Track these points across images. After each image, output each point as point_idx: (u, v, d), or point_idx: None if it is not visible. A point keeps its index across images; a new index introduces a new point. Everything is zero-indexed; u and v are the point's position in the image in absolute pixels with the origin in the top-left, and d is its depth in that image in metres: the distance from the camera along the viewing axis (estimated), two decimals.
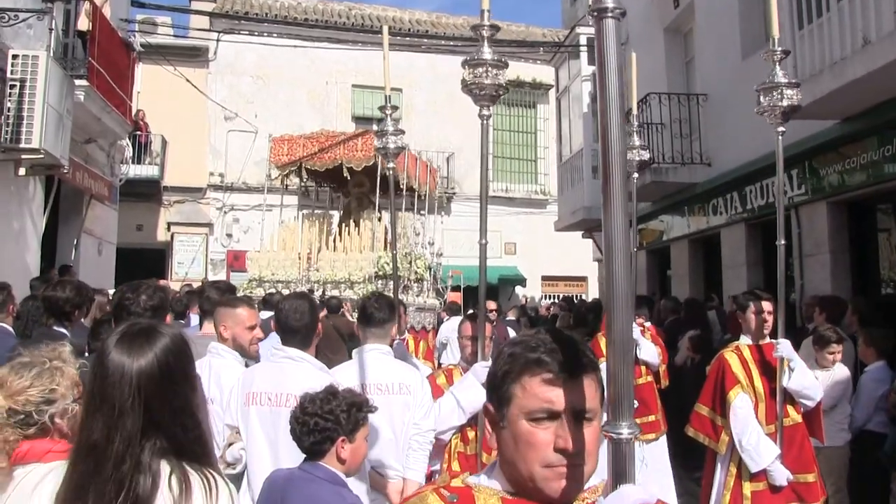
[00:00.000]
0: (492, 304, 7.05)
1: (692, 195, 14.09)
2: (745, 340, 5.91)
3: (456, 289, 21.16)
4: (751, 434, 5.49)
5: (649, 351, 8.12)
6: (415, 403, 4.72)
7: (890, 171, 9.18)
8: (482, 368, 4.23)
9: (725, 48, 13.06)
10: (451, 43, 25.67)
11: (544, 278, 26.99)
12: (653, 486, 4.68)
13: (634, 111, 7.13)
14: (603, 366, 1.93)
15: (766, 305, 5.90)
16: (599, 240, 17.45)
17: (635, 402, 7.18)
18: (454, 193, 25.99)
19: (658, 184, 14.12)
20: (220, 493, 2.25)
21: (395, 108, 5.72)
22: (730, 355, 5.81)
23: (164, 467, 2.18)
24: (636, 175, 7.27)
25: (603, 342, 7.60)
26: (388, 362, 4.86)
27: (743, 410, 5.56)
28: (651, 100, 14.25)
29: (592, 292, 24.55)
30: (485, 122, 4.20)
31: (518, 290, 26.55)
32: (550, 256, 25.21)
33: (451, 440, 5.13)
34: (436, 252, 14.24)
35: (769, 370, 5.63)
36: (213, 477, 2.27)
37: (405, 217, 13.79)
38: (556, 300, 23.18)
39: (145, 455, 2.15)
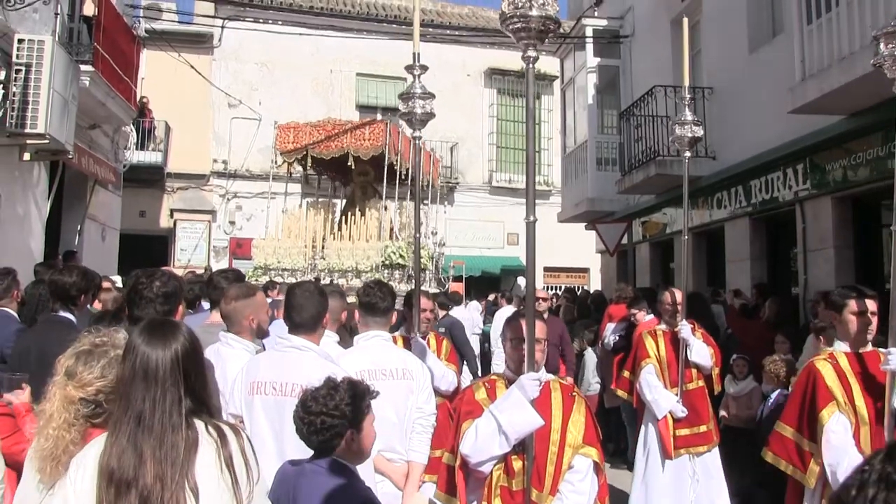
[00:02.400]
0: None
1: (696, 188, 14.05)
2: (840, 347, 4.78)
3: (458, 279, 21.19)
4: (848, 465, 4.22)
5: (701, 352, 7.25)
6: (417, 388, 4.86)
7: None
8: (529, 382, 3.77)
9: (732, 42, 13.02)
10: (456, 32, 25.63)
11: (546, 270, 26.95)
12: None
13: (686, 82, 7.03)
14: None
15: (871, 304, 4.78)
16: (602, 232, 17.45)
17: (684, 409, 6.83)
18: (457, 184, 25.96)
19: (662, 176, 14.08)
20: (244, 438, 2.71)
21: (424, 67, 5.46)
22: (822, 365, 4.69)
23: (199, 423, 2.61)
24: (688, 154, 7.14)
25: (649, 339, 7.50)
26: (391, 348, 5.03)
27: (838, 435, 4.47)
28: (657, 92, 14.21)
29: (594, 284, 24.54)
30: (531, 65, 3.67)
31: (520, 280, 26.50)
32: (553, 248, 25.09)
33: (492, 471, 4.01)
34: (438, 242, 14.24)
35: (875, 386, 4.56)
36: (234, 426, 2.76)
37: (409, 206, 13.78)
38: (558, 291, 23.22)
39: (185, 413, 2.57)
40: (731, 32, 13.09)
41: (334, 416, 3.20)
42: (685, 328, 7.11)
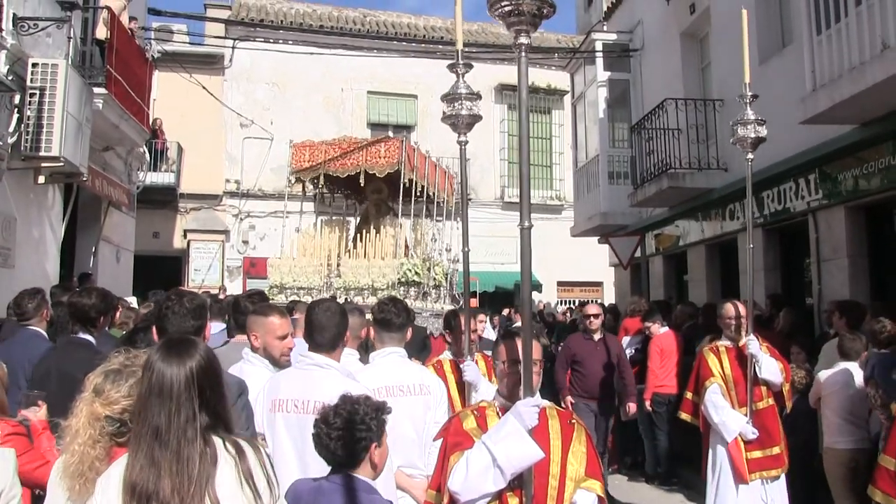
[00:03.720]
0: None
1: (709, 200, 14.05)
2: None
3: (471, 295, 21.16)
4: None
5: (770, 367, 6.81)
6: (435, 403, 4.85)
7: None
8: (527, 409, 3.48)
9: (742, 54, 13.00)
10: (466, 49, 25.66)
11: (560, 284, 26.99)
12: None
13: (747, 79, 6.85)
14: None
15: None
16: (615, 245, 17.43)
17: (755, 430, 6.46)
18: (469, 199, 25.92)
19: (675, 189, 14.09)
20: (262, 453, 2.76)
21: (468, 65, 5.10)
22: None
23: (216, 439, 2.64)
24: (751, 155, 6.90)
25: (712, 357, 7.08)
26: (406, 364, 5.02)
27: None
28: (668, 105, 14.23)
29: (608, 297, 24.50)
30: (523, 54, 3.55)
31: (534, 295, 26.54)
32: (566, 262, 25.16)
33: None
34: (452, 258, 14.24)
35: None
36: (252, 442, 2.80)
37: (423, 223, 13.79)
38: (573, 306, 23.17)
39: (201, 429, 2.59)
40: (740, 45, 13.07)
41: (361, 430, 3.23)
42: (753, 343, 6.71)
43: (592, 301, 20.35)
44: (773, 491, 6.79)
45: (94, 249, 14.87)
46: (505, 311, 19.91)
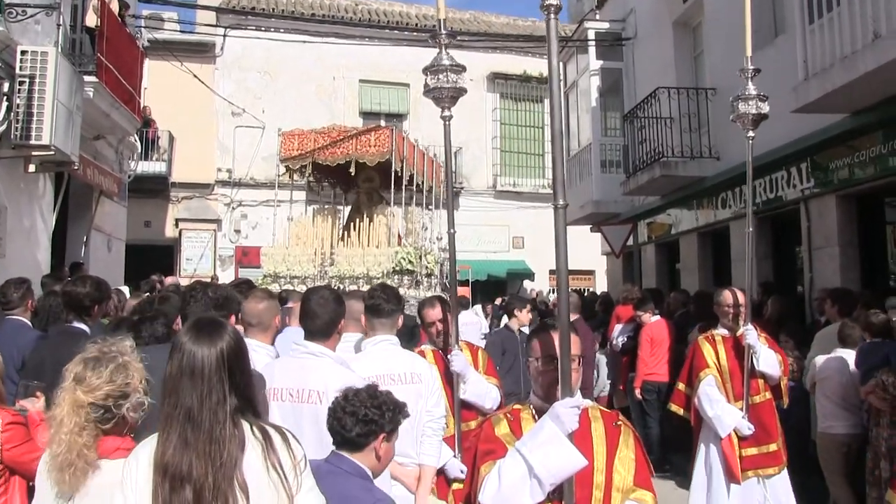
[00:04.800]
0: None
1: (701, 189, 14.08)
2: None
3: (464, 283, 21.18)
4: None
5: (769, 360, 6.46)
6: (427, 391, 4.79)
7: None
8: (566, 411, 3.09)
9: (734, 42, 13.00)
10: (458, 38, 25.65)
11: (552, 272, 26.96)
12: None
13: (749, 52, 6.38)
14: None
15: None
16: (608, 234, 17.45)
17: (751, 425, 6.14)
18: (462, 188, 25.95)
19: (667, 177, 14.12)
20: (291, 440, 2.71)
21: (452, 35, 4.74)
22: None
23: (245, 423, 2.62)
24: (752, 133, 6.46)
25: (707, 346, 6.74)
26: (398, 352, 4.95)
27: None
28: (660, 94, 14.24)
29: (600, 286, 24.54)
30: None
31: (526, 283, 26.58)
32: None
33: None
34: (443, 247, 14.25)
35: None
36: (281, 428, 2.75)
37: (415, 212, 13.78)
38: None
39: (231, 412, 2.58)
40: (733, 33, 13.06)
41: (376, 413, 3.23)
42: (751, 333, 6.35)
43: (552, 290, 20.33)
44: (773, 488, 6.48)
45: (85, 239, 14.83)
46: (497, 301, 19.90)
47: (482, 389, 5.50)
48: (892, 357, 6.74)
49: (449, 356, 5.27)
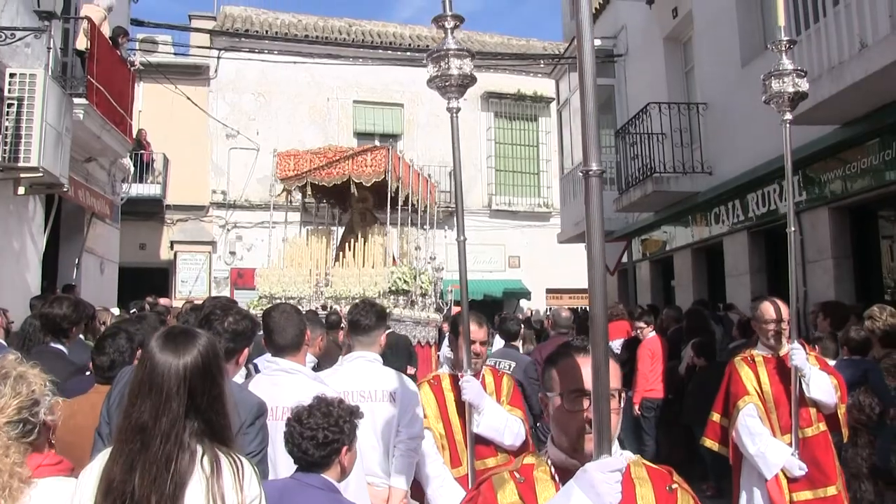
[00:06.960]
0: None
1: (694, 204, 14.06)
2: None
3: (458, 303, 21.08)
4: None
5: (821, 384, 5.25)
6: (401, 409, 4.63)
7: (891, 176, 9.16)
8: (604, 476, 2.06)
9: (724, 56, 13.04)
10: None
11: (548, 291, 26.92)
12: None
13: (782, 22, 5.36)
14: None
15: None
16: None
17: (803, 464, 5.08)
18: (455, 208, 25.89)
19: (659, 193, 14.10)
20: (245, 474, 2.51)
21: (458, 17, 4.14)
22: None
23: (198, 449, 2.45)
24: (789, 115, 5.30)
25: (745, 369, 5.49)
26: (374, 369, 4.78)
27: None
28: (651, 109, 14.24)
29: None
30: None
31: (523, 303, 26.51)
32: (554, 269, 25.17)
33: None
34: (436, 267, 14.21)
35: None
36: (240, 460, 2.54)
37: (409, 232, 13.75)
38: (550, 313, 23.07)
39: (186, 435, 2.42)
40: (722, 47, 13.11)
41: (334, 431, 3.19)
42: (798, 353, 5.17)
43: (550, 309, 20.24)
44: None
45: (77, 261, 14.78)
46: (496, 319, 19.81)
47: (499, 423, 4.79)
48: (870, 376, 6.56)
49: (461, 381, 4.55)
